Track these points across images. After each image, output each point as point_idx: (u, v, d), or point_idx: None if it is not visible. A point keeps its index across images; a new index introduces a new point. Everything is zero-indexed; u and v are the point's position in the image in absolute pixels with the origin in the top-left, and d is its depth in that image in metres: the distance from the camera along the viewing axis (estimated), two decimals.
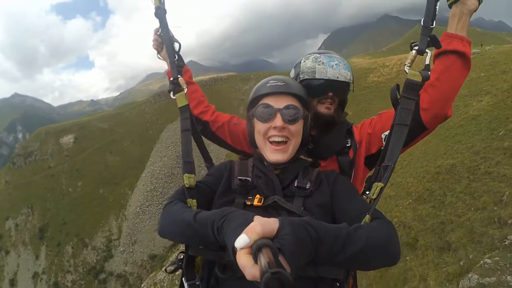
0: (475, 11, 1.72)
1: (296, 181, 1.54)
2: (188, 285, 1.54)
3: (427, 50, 1.63)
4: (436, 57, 1.77)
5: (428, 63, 1.63)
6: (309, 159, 1.82)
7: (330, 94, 1.94)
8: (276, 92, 1.59)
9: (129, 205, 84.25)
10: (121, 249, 77.40)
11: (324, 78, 1.94)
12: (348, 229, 1.14)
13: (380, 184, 1.46)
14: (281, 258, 0.85)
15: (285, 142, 1.56)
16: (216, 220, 1.16)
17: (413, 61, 1.65)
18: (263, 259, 0.77)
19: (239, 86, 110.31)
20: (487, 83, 20.44)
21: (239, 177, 1.56)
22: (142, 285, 33.96)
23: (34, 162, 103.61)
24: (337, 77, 1.94)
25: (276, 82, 1.61)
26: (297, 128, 1.58)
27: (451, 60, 1.71)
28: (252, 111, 1.64)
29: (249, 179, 1.55)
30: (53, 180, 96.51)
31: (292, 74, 2.11)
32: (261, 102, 1.61)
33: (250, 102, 1.69)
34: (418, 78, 1.58)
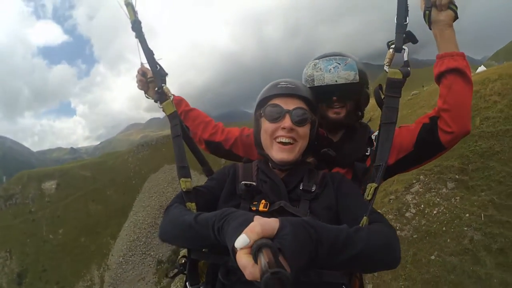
0: (454, 20, 1.76)
1: (301, 184, 1.55)
2: None
3: (404, 47, 1.69)
4: (437, 83, 1.81)
5: (406, 59, 1.68)
6: (311, 161, 1.85)
7: (335, 98, 1.95)
8: (285, 94, 1.60)
9: (112, 255, 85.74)
10: None
11: (322, 84, 1.94)
12: (348, 231, 1.14)
13: (374, 185, 1.48)
14: (281, 258, 0.85)
15: (292, 143, 1.58)
16: (216, 220, 1.16)
17: (391, 60, 1.71)
18: (263, 259, 0.77)
19: None
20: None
21: (243, 182, 1.54)
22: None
23: (15, 206, 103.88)
24: (336, 81, 1.91)
25: (286, 84, 1.63)
26: (304, 130, 1.60)
27: (449, 80, 1.74)
28: (260, 110, 1.65)
29: (254, 183, 1.54)
30: (34, 225, 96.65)
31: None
32: (270, 102, 1.62)
33: (258, 103, 1.70)
34: (399, 76, 1.63)
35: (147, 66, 2.06)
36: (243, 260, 0.84)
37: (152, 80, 2.11)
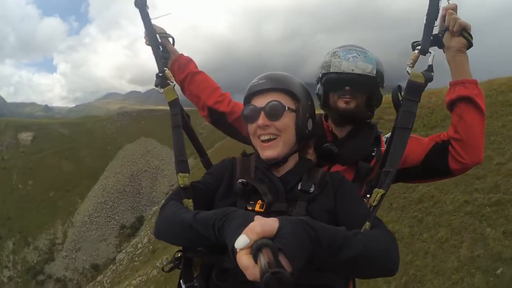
0: (466, 47, 1.67)
1: (299, 184, 1.49)
2: (186, 287, 1.51)
3: (430, 50, 1.61)
4: (449, 111, 1.76)
5: (431, 63, 1.61)
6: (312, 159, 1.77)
7: (347, 88, 1.87)
8: (260, 91, 1.54)
9: (78, 213, 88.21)
10: (64, 254, 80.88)
11: (338, 71, 1.87)
12: (346, 233, 1.12)
13: (381, 191, 1.42)
14: (281, 258, 0.85)
15: (274, 139, 1.50)
16: (217, 220, 1.14)
17: (415, 61, 1.62)
18: (263, 259, 0.78)
19: (199, 121, 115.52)
20: None
21: (240, 181, 1.48)
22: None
23: None
24: (352, 70, 1.84)
25: (258, 81, 1.57)
26: (282, 123, 1.49)
27: (460, 109, 1.68)
28: (242, 113, 1.61)
29: (252, 183, 1.47)
30: (4, 173, 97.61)
31: (317, 72, 2.06)
32: (249, 103, 1.58)
33: (244, 104, 1.66)
34: (421, 80, 1.55)
35: (158, 23, 2.02)
36: (244, 260, 0.84)
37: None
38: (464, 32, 1.63)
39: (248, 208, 1.41)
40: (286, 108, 1.49)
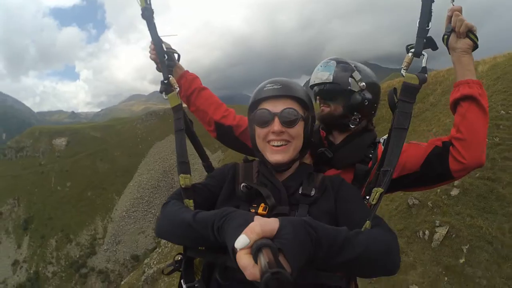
0: (472, 49, 1.70)
1: (301, 188, 1.52)
2: (187, 287, 1.53)
3: (423, 52, 1.62)
4: (453, 111, 1.77)
5: (424, 65, 1.63)
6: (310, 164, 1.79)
7: (318, 97, 2.02)
8: (273, 96, 1.55)
9: (116, 209, 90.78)
10: (105, 248, 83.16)
11: (311, 84, 2.03)
12: (347, 233, 1.12)
13: (380, 189, 1.44)
14: (281, 258, 0.85)
15: (285, 145, 1.53)
16: (216, 220, 1.15)
17: (409, 64, 1.64)
18: (263, 259, 0.77)
19: None
20: None
21: (244, 184, 1.51)
22: (122, 282, 36.56)
23: (25, 157, 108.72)
24: (314, 81, 1.98)
25: (272, 86, 1.56)
26: (296, 130, 1.54)
27: (463, 108, 1.68)
28: (251, 116, 1.63)
29: (255, 186, 1.49)
30: (42, 177, 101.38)
31: None
32: (259, 107, 1.58)
33: (250, 107, 1.67)
34: (415, 81, 1.57)
35: (164, 40, 2.05)
36: (243, 260, 0.83)
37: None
38: (470, 33, 1.67)
39: (251, 211, 1.42)
40: (300, 117, 1.54)
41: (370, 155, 1.91)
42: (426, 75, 1.62)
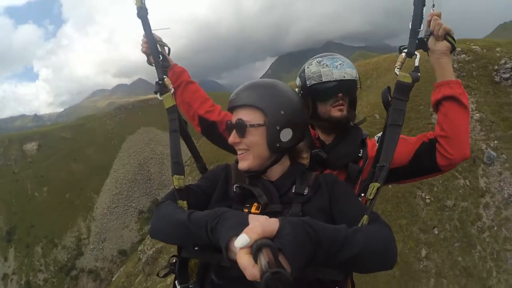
0: (450, 50, 1.76)
1: (293, 187, 1.51)
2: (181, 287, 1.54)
3: (416, 53, 1.69)
4: (435, 110, 1.84)
5: (417, 64, 1.68)
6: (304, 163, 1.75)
7: (340, 94, 1.93)
8: (232, 107, 1.59)
9: (96, 208, 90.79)
10: (91, 247, 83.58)
11: (331, 79, 1.91)
12: (346, 231, 1.13)
13: (377, 184, 1.46)
14: (281, 258, 0.85)
15: (245, 153, 1.54)
16: (210, 220, 1.15)
17: (402, 63, 1.70)
18: (263, 259, 0.78)
19: None
20: None
21: (237, 185, 1.53)
22: (114, 278, 38.52)
23: None
24: (344, 76, 1.91)
25: (233, 96, 1.59)
26: (251, 139, 1.51)
27: (445, 107, 1.76)
28: None
29: (247, 186, 1.51)
30: (18, 185, 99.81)
31: (297, 82, 2.09)
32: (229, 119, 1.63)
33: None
34: (408, 80, 1.63)
35: (157, 34, 2.09)
36: (244, 260, 0.83)
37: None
38: (448, 36, 1.74)
39: (244, 211, 1.42)
40: (248, 126, 1.49)
41: (360, 154, 1.95)
42: (418, 74, 1.66)
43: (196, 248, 1.41)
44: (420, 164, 1.87)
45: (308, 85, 1.97)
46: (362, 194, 1.65)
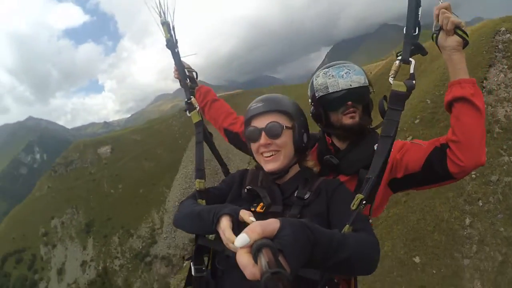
0: (462, 45, 1.63)
1: (296, 192, 1.68)
2: (195, 268, 1.76)
3: (411, 59, 1.60)
4: (448, 112, 1.73)
5: (412, 72, 1.59)
6: (314, 169, 1.91)
7: (350, 103, 1.94)
8: (258, 114, 1.74)
9: (168, 201, 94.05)
10: (164, 236, 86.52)
11: (337, 90, 1.93)
12: (339, 236, 1.17)
13: (360, 196, 1.49)
14: (281, 259, 0.85)
15: (275, 154, 1.71)
16: (216, 211, 1.40)
17: (396, 72, 1.64)
18: (263, 259, 0.78)
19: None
20: None
21: (247, 187, 1.73)
22: (184, 264, 38.13)
23: (75, 170, 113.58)
24: (350, 85, 1.91)
25: (256, 105, 1.76)
26: (283, 140, 1.71)
27: (457, 110, 1.65)
28: (244, 134, 1.84)
29: (255, 188, 1.70)
30: (95, 184, 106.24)
31: (309, 94, 2.13)
32: (249, 125, 1.79)
33: (244, 125, 1.87)
34: (403, 89, 1.58)
35: (186, 60, 2.42)
36: (243, 259, 0.84)
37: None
38: (458, 29, 1.61)
39: (251, 209, 1.61)
40: (284, 127, 1.71)
41: None
42: (413, 82, 1.60)
43: (210, 238, 1.72)
44: (432, 171, 1.81)
45: (317, 97, 2.05)
46: (364, 202, 1.56)
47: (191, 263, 1.81)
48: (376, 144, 1.76)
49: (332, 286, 1.50)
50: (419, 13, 1.62)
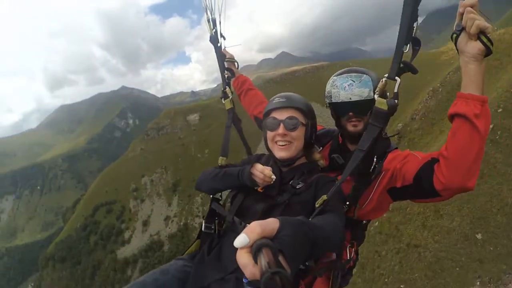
0: (484, 54, 1.43)
1: (291, 181, 1.88)
2: (205, 226, 2.09)
3: (397, 78, 1.55)
4: (451, 122, 1.58)
5: (396, 91, 1.56)
6: (321, 163, 2.09)
7: (351, 113, 2.01)
8: (279, 107, 1.94)
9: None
10: None
11: (338, 101, 2.02)
12: (328, 228, 1.36)
13: (324, 197, 1.64)
14: (281, 258, 0.85)
15: (288, 144, 1.91)
16: (240, 169, 1.90)
17: (381, 90, 1.63)
18: (263, 259, 0.78)
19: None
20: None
21: None
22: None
23: (166, 135, 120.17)
24: (350, 98, 1.96)
25: (279, 99, 1.96)
26: (297, 134, 1.91)
27: (457, 125, 1.51)
28: (263, 123, 2.04)
29: None
30: (183, 148, 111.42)
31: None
32: (269, 115, 1.98)
33: (263, 115, 2.06)
34: (385, 107, 1.58)
35: (229, 51, 2.77)
36: (243, 259, 0.84)
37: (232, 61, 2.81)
38: (482, 35, 1.41)
39: (255, 188, 1.92)
40: (300, 123, 1.92)
41: (376, 166, 1.86)
42: (396, 101, 1.58)
43: (220, 204, 2.16)
44: (421, 185, 1.71)
45: (327, 102, 2.17)
46: (347, 202, 1.88)
47: (203, 221, 2.13)
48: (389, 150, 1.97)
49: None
50: (415, 27, 1.48)
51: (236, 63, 2.84)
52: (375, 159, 1.89)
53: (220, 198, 2.23)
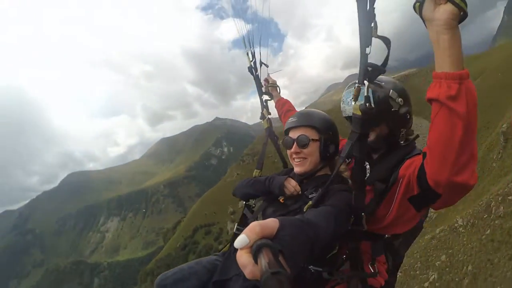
0: (458, 19, 1.20)
1: (306, 191, 2.01)
2: (236, 228, 2.34)
3: (364, 82, 1.52)
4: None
5: (366, 94, 1.53)
6: (345, 174, 2.08)
7: None
8: (292, 127, 2.11)
9: None
10: None
11: (344, 116, 2.10)
12: (322, 224, 1.39)
13: (310, 203, 1.78)
14: (281, 259, 0.85)
15: (302, 160, 2.06)
16: (268, 178, 2.08)
17: (356, 95, 1.60)
18: (263, 259, 0.77)
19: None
20: None
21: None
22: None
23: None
24: (352, 113, 1.80)
25: (292, 119, 2.12)
26: (309, 150, 2.04)
27: (434, 111, 1.33)
28: (282, 141, 2.21)
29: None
30: (278, 171, 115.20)
31: None
32: (287, 135, 2.15)
33: (284, 134, 2.21)
34: (358, 113, 1.58)
35: (273, 76, 3.18)
36: (243, 259, 0.83)
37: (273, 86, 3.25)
38: None
39: (280, 197, 2.08)
40: (311, 140, 2.04)
41: (393, 174, 1.80)
42: (367, 104, 1.53)
43: (252, 208, 2.41)
44: (421, 185, 1.57)
45: (343, 117, 2.19)
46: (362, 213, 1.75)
47: (236, 224, 2.44)
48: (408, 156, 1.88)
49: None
50: (372, 25, 1.39)
51: (278, 88, 3.29)
52: (367, 167, 2.02)
53: (253, 205, 2.51)
